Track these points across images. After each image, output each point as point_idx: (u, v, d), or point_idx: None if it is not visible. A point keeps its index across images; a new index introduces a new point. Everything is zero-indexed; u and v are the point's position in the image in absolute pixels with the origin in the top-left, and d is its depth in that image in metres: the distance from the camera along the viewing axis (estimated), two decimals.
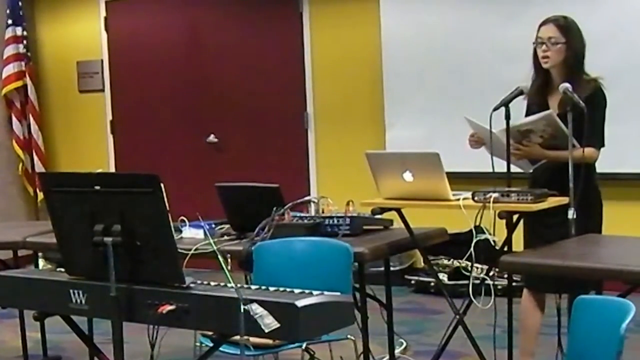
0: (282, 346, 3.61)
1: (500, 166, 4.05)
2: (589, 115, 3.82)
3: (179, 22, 7.70)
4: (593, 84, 4.08)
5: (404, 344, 4.95)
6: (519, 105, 4.20)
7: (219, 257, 2.99)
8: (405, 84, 6.68)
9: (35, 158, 7.97)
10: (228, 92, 7.51)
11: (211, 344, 3.13)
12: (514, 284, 4.19)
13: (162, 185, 2.86)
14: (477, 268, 4.90)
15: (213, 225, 4.23)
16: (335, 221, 4.04)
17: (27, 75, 7.93)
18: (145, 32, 7.83)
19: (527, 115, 4.22)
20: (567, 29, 4.09)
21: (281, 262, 3.81)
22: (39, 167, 7.94)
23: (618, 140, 4.41)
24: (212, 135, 7.59)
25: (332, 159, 7.12)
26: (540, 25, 4.15)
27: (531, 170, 4.27)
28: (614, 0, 6.02)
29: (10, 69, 7.89)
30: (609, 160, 4.26)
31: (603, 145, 4.11)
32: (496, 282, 4.18)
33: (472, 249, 3.79)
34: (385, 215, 4.14)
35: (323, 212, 4.17)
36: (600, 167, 4.17)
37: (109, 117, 8.07)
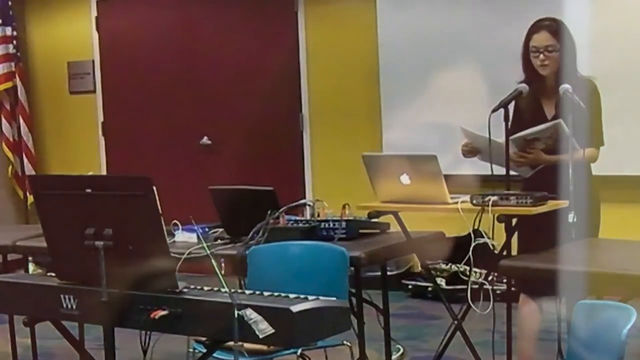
0: (277, 352, 3.57)
1: (499, 169, 4.01)
2: (587, 116, 3.78)
3: (172, 22, 7.66)
4: (589, 84, 4.05)
5: (401, 350, 4.92)
6: None
7: (213, 261, 2.98)
8: (402, 85, 6.65)
9: (25, 160, 7.92)
10: (222, 93, 7.46)
11: (205, 350, 3.16)
12: (513, 288, 4.15)
13: (154, 188, 2.86)
14: (476, 272, 4.86)
15: (206, 229, 4.22)
16: (331, 225, 4.03)
17: (16, 76, 7.87)
18: (137, 32, 7.78)
19: (514, 120, 4.13)
20: (561, 33, 4.05)
21: (276, 266, 3.79)
22: (29, 170, 7.88)
23: (617, 142, 4.39)
24: (205, 137, 7.53)
25: (327, 161, 7.09)
26: (532, 33, 4.08)
27: (528, 175, 4.22)
28: (614, 0, 5.98)
29: None
30: (607, 163, 4.23)
31: (602, 144, 4.09)
32: (495, 287, 4.14)
33: (470, 253, 3.76)
34: (382, 219, 4.13)
35: (318, 216, 4.15)
36: (599, 169, 4.14)
37: (100, 118, 8.02)
